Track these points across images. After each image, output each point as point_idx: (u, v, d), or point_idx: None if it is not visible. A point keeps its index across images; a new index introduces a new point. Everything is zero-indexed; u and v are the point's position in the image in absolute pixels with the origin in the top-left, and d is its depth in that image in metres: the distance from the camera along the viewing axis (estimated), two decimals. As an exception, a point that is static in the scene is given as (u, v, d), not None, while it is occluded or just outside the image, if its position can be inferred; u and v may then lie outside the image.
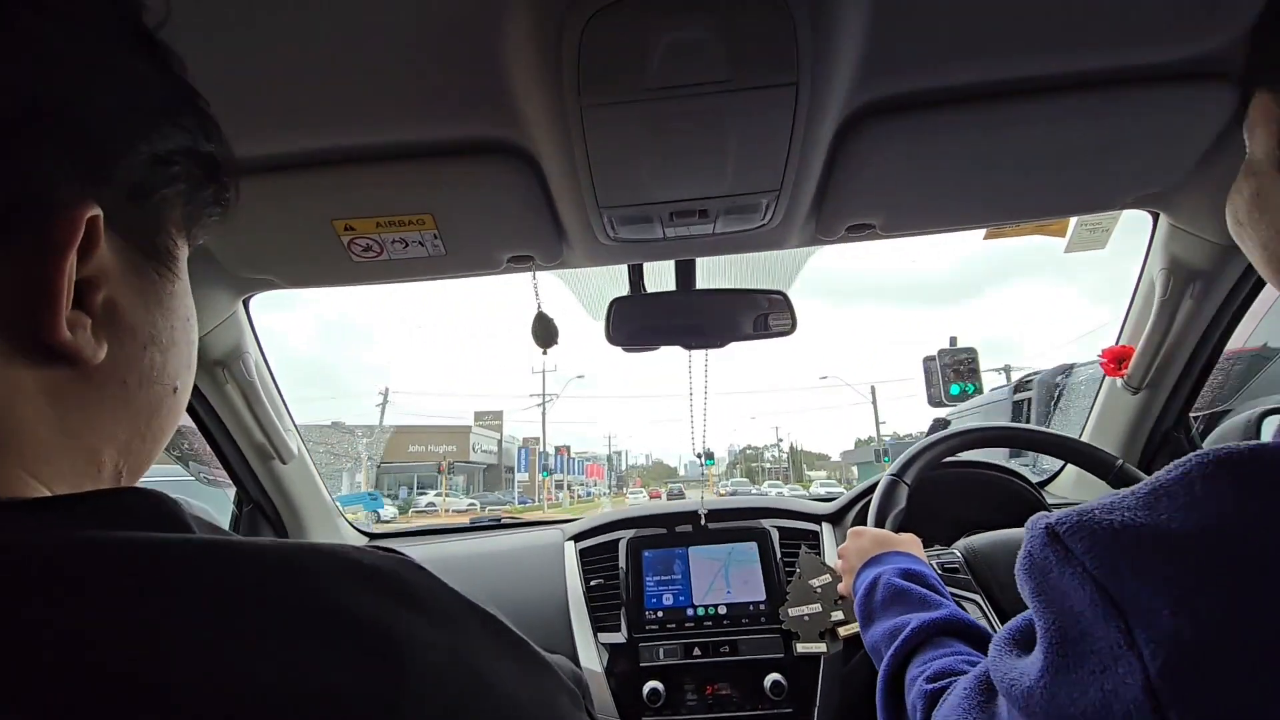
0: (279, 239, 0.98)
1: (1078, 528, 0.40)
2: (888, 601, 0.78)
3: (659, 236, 1.02)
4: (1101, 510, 0.40)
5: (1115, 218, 1.17)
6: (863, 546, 0.93)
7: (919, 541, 0.97)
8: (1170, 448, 1.38)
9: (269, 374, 1.31)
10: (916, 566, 0.84)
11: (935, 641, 0.68)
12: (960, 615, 0.71)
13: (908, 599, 0.76)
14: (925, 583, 0.79)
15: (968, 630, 0.69)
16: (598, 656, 1.24)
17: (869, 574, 0.85)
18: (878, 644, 0.75)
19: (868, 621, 0.80)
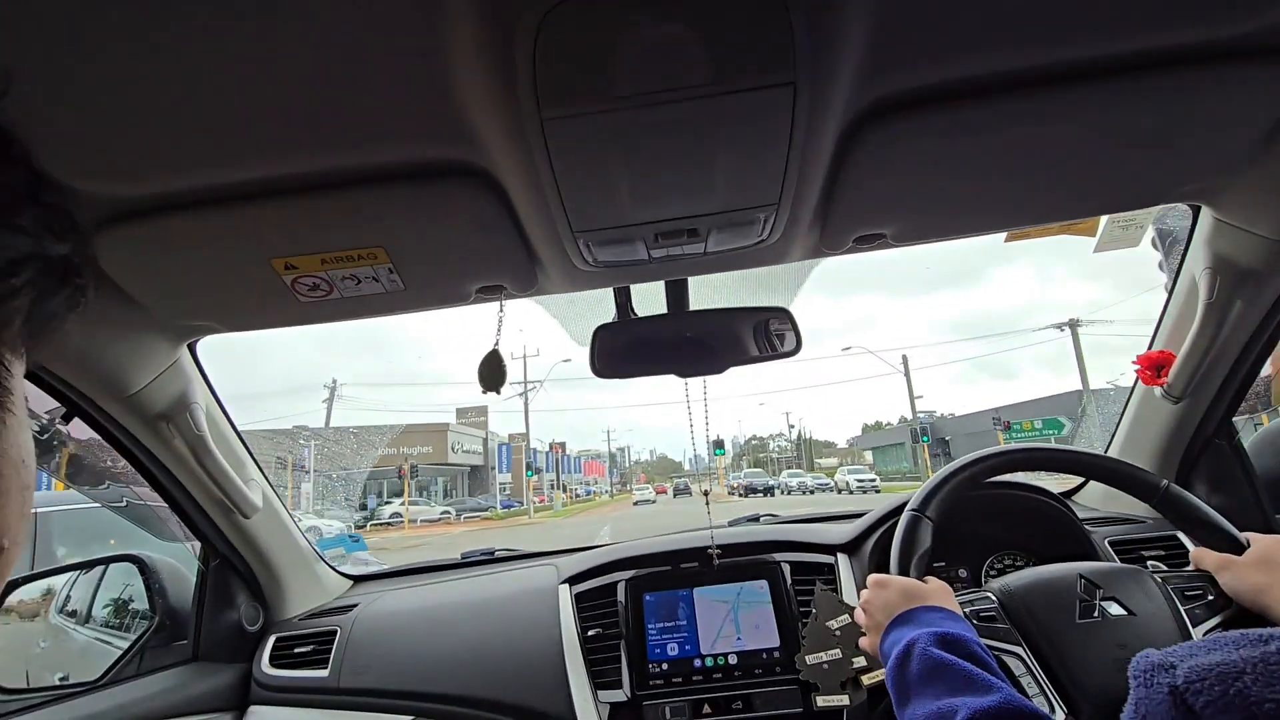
0: (214, 283, 0.86)
1: (1224, 706, 0.29)
2: (925, 677, 0.67)
3: (644, 259, 0.91)
4: (1254, 677, 0.29)
5: (1150, 213, 1.06)
6: (889, 600, 0.82)
7: (949, 590, 0.86)
8: (1212, 455, 1.27)
9: (225, 421, 1.20)
10: (954, 630, 0.72)
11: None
12: (1015, 701, 0.60)
13: (950, 675, 0.65)
14: (967, 651, 0.68)
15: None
16: (597, 716, 1.12)
17: (901, 636, 0.74)
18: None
19: (904, 699, 0.69)
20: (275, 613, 1.41)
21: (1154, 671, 0.32)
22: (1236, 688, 0.29)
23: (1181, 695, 0.30)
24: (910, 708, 0.67)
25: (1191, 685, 0.30)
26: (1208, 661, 0.30)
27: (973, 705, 0.60)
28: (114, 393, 0.99)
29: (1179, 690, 0.31)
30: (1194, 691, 0.30)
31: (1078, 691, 0.80)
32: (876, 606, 0.85)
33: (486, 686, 1.20)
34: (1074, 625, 0.87)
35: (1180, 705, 0.30)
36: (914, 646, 0.71)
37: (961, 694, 0.63)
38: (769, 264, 1.01)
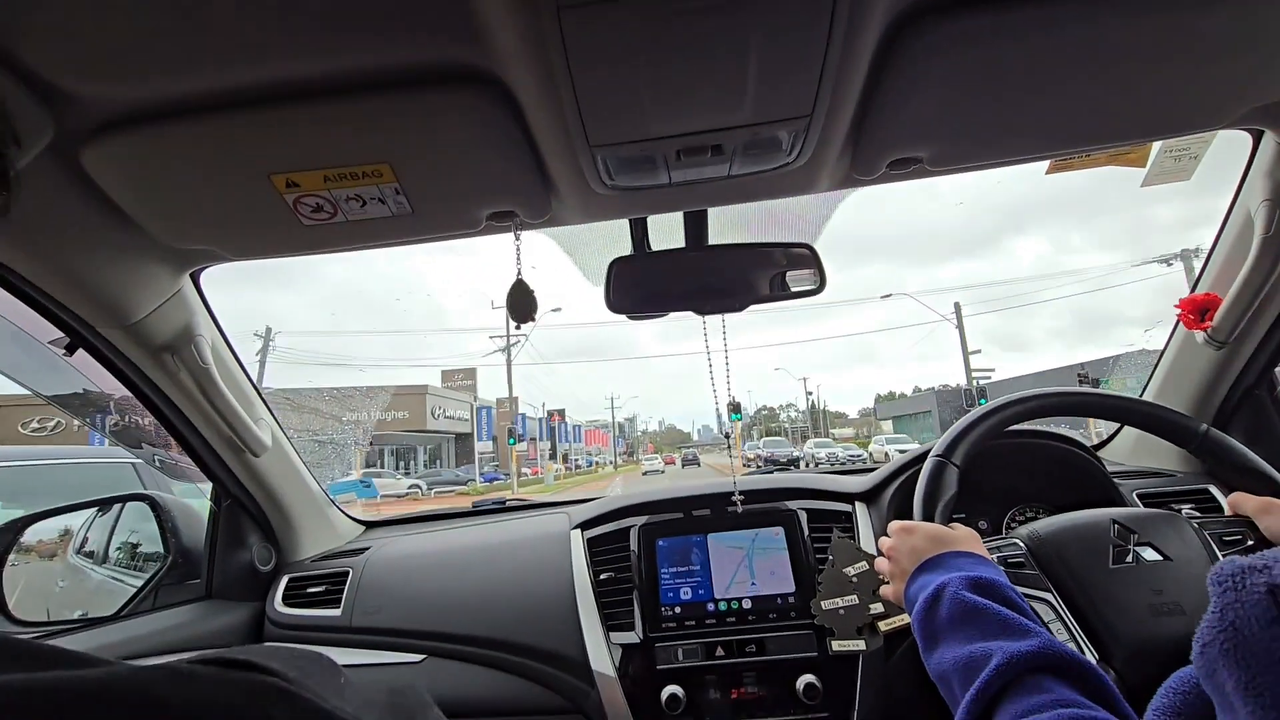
0: (213, 201, 0.82)
1: None
2: (957, 620, 0.64)
3: (664, 182, 0.86)
4: None
5: (1207, 141, 0.99)
6: (916, 545, 0.79)
7: (977, 536, 0.82)
8: (1251, 406, 1.21)
9: (231, 357, 1.17)
10: (987, 573, 0.69)
11: (1030, 684, 0.54)
12: (1056, 646, 0.57)
13: (983, 620, 0.62)
14: (1001, 595, 0.65)
15: (1069, 667, 0.55)
16: (610, 658, 1.12)
17: (929, 581, 0.71)
18: (947, 675, 0.61)
19: (932, 643, 0.66)
20: (287, 554, 1.41)
21: (1245, 573, 0.29)
22: None
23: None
24: (939, 651, 0.64)
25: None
26: None
27: (1009, 649, 0.57)
28: (115, 320, 0.96)
29: (1278, 585, 0.27)
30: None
31: (1110, 637, 0.77)
32: (902, 552, 0.81)
33: (498, 627, 1.20)
34: (1107, 571, 0.84)
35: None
36: (944, 590, 0.68)
37: (996, 638, 0.60)
38: (795, 193, 0.95)
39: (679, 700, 1.07)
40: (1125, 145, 0.93)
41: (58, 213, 0.81)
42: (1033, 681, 0.54)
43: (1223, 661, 0.29)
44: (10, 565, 1.25)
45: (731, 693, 1.09)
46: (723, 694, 1.09)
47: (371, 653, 1.24)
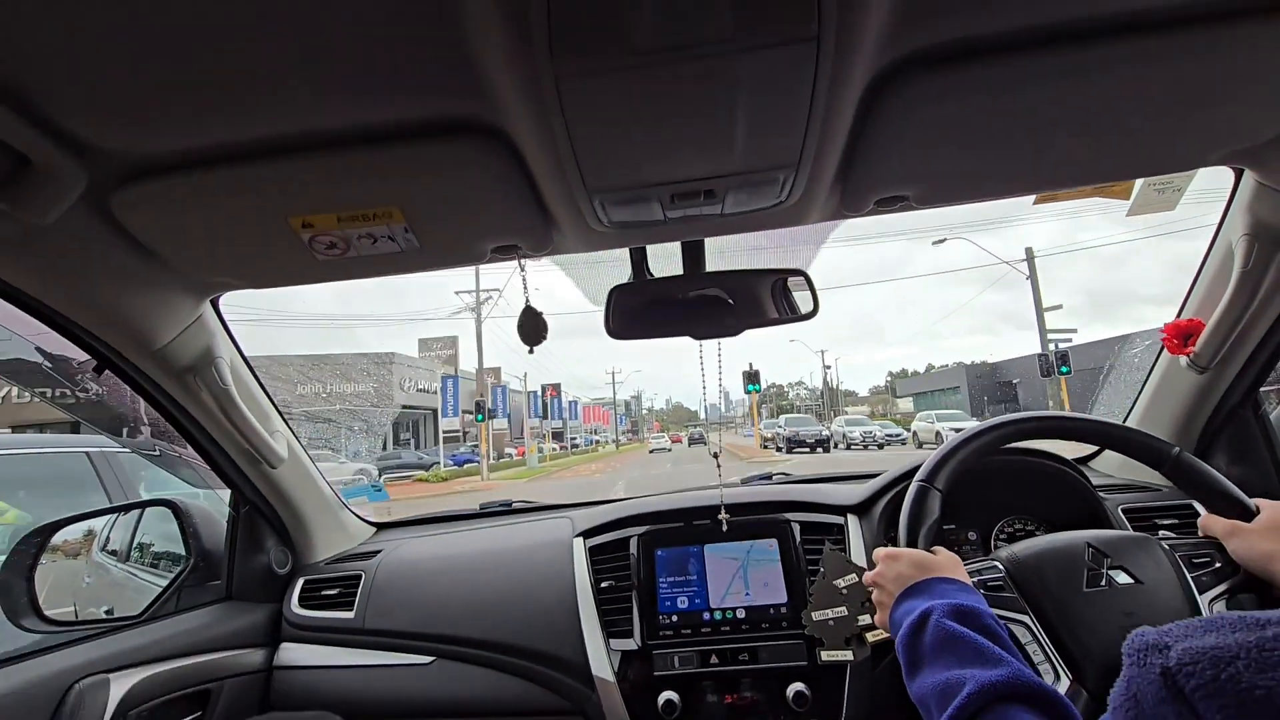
0: (233, 240, 0.87)
1: (1215, 690, 0.29)
2: (937, 648, 0.68)
3: (659, 219, 0.90)
4: (1247, 663, 0.29)
5: (1190, 176, 1.02)
6: (900, 572, 0.83)
7: (959, 562, 0.87)
8: (1237, 426, 1.24)
9: (249, 375, 1.23)
10: (967, 601, 0.73)
11: (995, 711, 0.58)
12: (1024, 676, 0.61)
13: (961, 647, 0.66)
14: (980, 624, 0.69)
15: (1035, 696, 0.59)
16: (609, 663, 1.17)
17: (914, 607, 0.75)
18: (926, 700, 0.66)
19: (915, 668, 0.70)
20: (303, 557, 1.47)
21: (1148, 651, 0.33)
22: (1229, 672, 0.29)
23: (1173, 677, 0.31)
24: (920, 677, 0.69)
25: (1184, 667, 0.30)
26: (1202, 644, 0.31)
27: (980, 678, 0.61)
28: (142, 347, 1.02)
29: (1170, 671, 0.31)
30: (1185, 674, 0.30)
31: (1084, 658, 0.81)
32: (888, 579, 0.86)
33: (504, 632, 1.26)
34: (1081, 594, 0.88)
35: (1171, 687, 0.31)
36: (929, 618, 0.72)
37: (971, 666, 0.64)
38: (787, 226, 0.99)
39: (675, 706, 1.12)
40: (1113, 183, 0.96)
41: (89, 253, 0.86)
42: (1001, 709, 0.58)
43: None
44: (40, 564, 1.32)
45: (725, 698, 1.14)
46: (717, 699, 1.14)
47: (382, 654, 1.31)
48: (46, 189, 0.71)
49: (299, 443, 1.40)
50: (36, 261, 0.84)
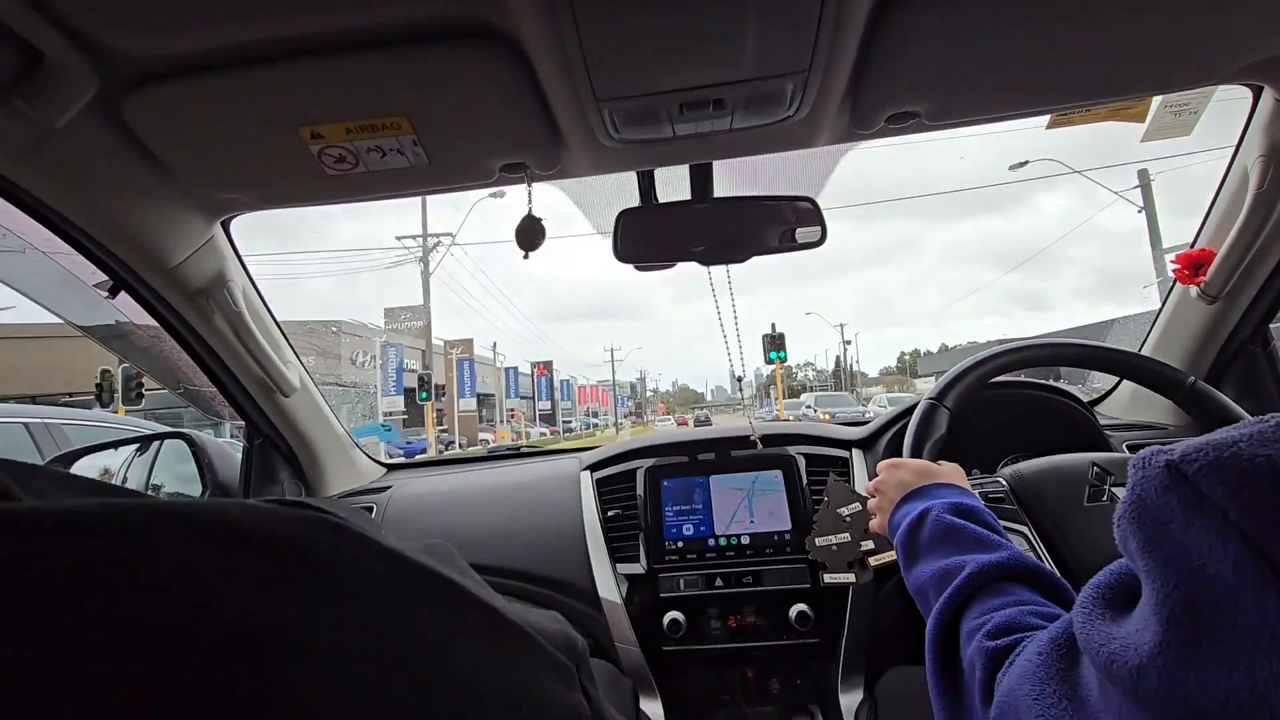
0: (245, 151, 0.87)
1: (1216, 466, 0.30)
2: (936, 540, 0.69)
3: (668, 135, 0.90)
4: (1248, 442, 0.30)
5: (1207, 97, 1.00)
6: (903, 479, 0.84)
7: (962, 472, 0.88)
8: (1245, 362, 1.24)
9: (261, 303, 1.24)
10: (967, 500, 0.75)
11: (995, 588, 0.59)
12: (1023, 558, 0.62)
13: (959, 538, 0.68)
14: (980, 519, 0.71)
15: (1033, 575, 0.61)
16: (616, 587, 1.20)
17: (912, 508, 0.76)
18: (925, 587, 0.67)
19: (912, 560, 0.72)
20: (316, 491, 1.50)
21: (1152, 455, 0.34)
22: (1230, 452, 0.30)
23: (1177, 465, 0.32)
24: (918, 567, 0.70)
25: (1186, 457, 0.31)
26: (1204, 440, 0.32)
27: (980, 560, 0.62)
28: (154, 265, 1.03)
29: (1174, 462, 0.32)
30: (1189, 461, 0.31)
31: (1079, 568, 0.82)
32: (890, 485, 0.87)
33: (514, 558, 1.29)
34: (1081, 509, 0.89)
35: (1175, 474, 0.31)
36: (928, 513, 0.73)
37: (970, 552, 0.66)
38: (796, 146, 0.98)
39: (679, 625, 1.15)
40: (1124, 100, 0.95)
41: (101, 163, 0.86)
42: (1000, 586, 0.60)
43: (1130, 529, 0.35)
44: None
45: (729, 619, 1.17)
46: (721, 620, 1.17)
47: None
48: (59, 88, 0.71)
49: (310, 377, 1.42)
50: (49, 168, 0.84)
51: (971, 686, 0.54)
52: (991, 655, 0.52)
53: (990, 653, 0.52)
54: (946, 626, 0.60)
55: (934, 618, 0.62)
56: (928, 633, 0.62)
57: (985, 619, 0.55)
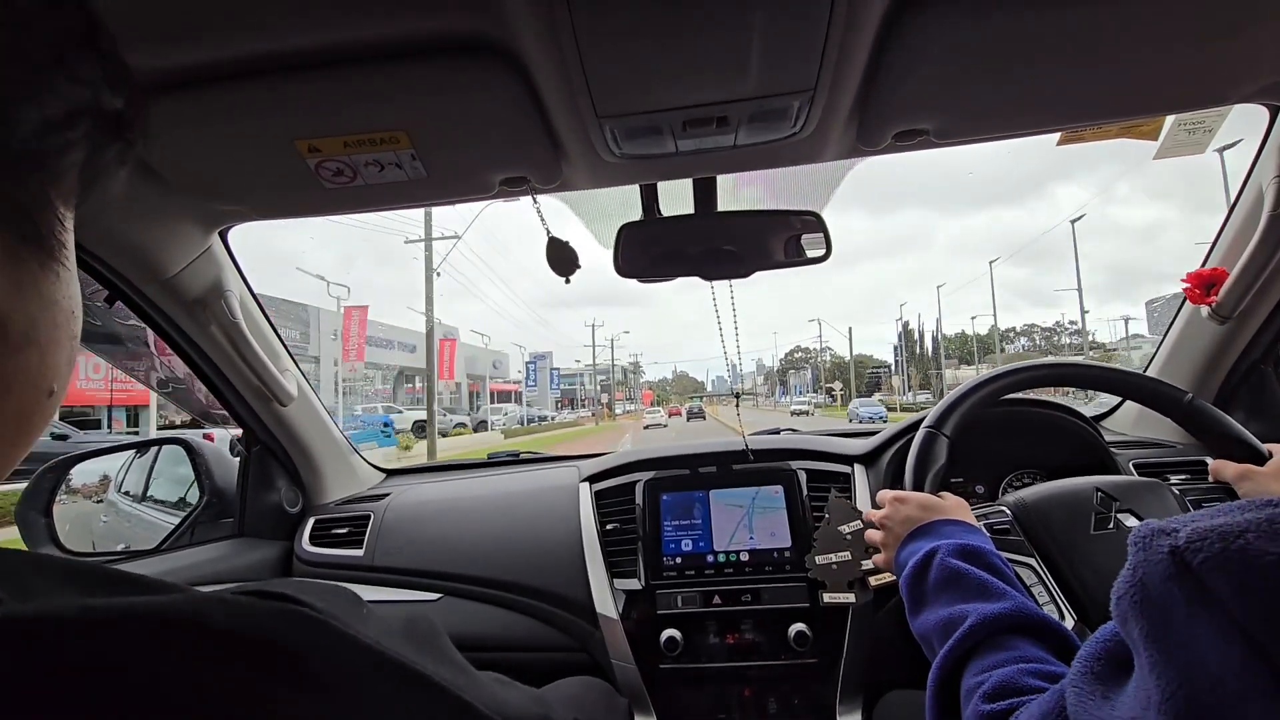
0: (240, 163, 0.86)
1: (1223, 560, 0.28)
2: (941, 586, 0.68)
3: (671, 151, 0.88)
4: (1256, 534, 0.28)
5: (1222, 115, 0.98)
6: (909, 514, 0.83)
7: (966, 505, 0.86)
8: (1255, 381, 1.22)
9: (259, 312, 1.23)
10: (974, 541, 0.73)
11: (997, 642, 0.58)
12: (1027, 608, 0.61)
13: (964, 584, 0.66)
14: (985, 562, 0.69)
15: (1036, 627, 0.59)
16: (613, 602, 1.19)
17: (919, 548, 0.75)
18: (929, 635, 0.66)
19: (918, 606, 0.70)
20: (313, 497, 1.50)
21: (1154, 536, 0.32)
22: (1238, 544, 0.28)
23: (1181, 554, 0.30)
24: (924, 614, 0.69)
25: (1192, 544, 0.30)
26: (1210, 524, 0.30)
27: (983, 611, 0.61)
28: (151, 275, 1.02)
29: (1179, 550, 0.30)
30: (1193, 550, 0.29)
31: (1088, 600, 0.81)
32: (896, 520, 0.85)
33: (509, 570, 1.27)
34: (1088, 537, 0.87)
35: (1179, 564, 0.30)
36: (934, 556, 0.72)
37: (974, 600, 0.64)
38: (802, 162, 0.97)
39: (677, 642, 1.14)
40: (1137, 119, 0.93)
41: None
42: (1002, 640, 0.58)
43: (1131, 613, 0.33)
44: (59, 502, 1.35)
45: (727, 637, 1.16)
46: (718, 638, 1.16)
47: (391, 590, 1.33)
48: None
49: (309, 384, 1.41)
50: None
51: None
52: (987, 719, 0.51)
53: (986, 716, 0.51)
54: (948, 679, 0.59)
55: (935, 670, 0.61)
56: (929, 684, 0.61)
57: (984, 677, 0.54)
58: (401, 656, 0.29)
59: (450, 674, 0.31)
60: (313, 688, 0.25)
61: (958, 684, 0.57)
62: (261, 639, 0.25)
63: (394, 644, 0.29)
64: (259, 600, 0.27)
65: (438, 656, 0.31)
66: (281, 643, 0.25)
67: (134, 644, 0.22)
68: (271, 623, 0.26)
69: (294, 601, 0.28)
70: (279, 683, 0.24)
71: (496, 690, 0.34)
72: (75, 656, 0.21)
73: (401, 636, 0.31)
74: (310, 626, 0.27)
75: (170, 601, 0.25)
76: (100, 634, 0.22)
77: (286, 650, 0.25)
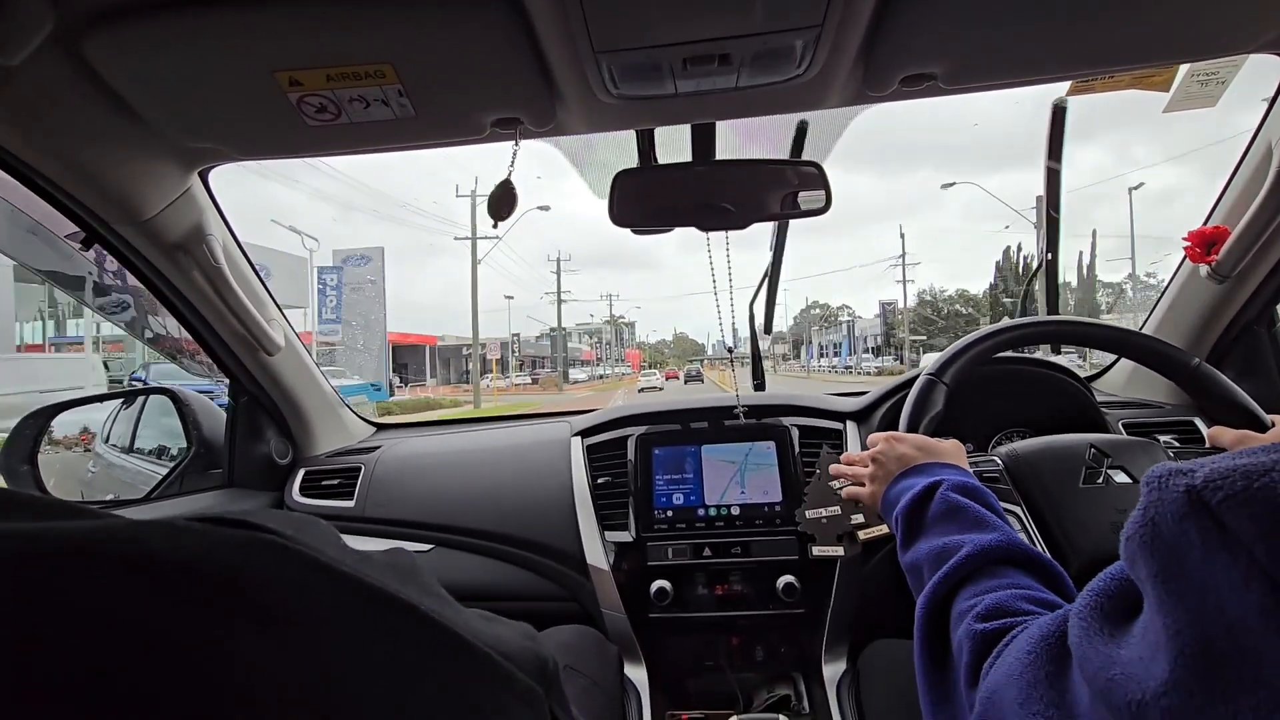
0: (217, 96, 0.82)
1: (1245, 499, 0.27)
2: (940, 517, 0.69)
3: (670, 92, 0.84)
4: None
5: (1236, 66, 0.95)
6: (904, 453, 0.82)
7: (963, 450, 0.86)
8: (1248, 341, 1.22)
9: (242, 258, 1.20)
10: (972, 481, 0.73)
11: (990, 571, 0.59)
12: (1020, 542, 0.62)
13: (962, 517, 0.67)
14: (983, 500, 0.70)
15: (1029, 560, 0.60)
16: (604, 554, 1.20)
17: (915, 482, 0.75)
18: (920, 563, 0.66)
19: (913, 536, 0.70)
20: (303, 449, 1.49)
21: (1169, 476, 0.31)
22: (1262, 483, 0.27)
23: (1198, 493, 0.29)
24: (918, 544, 0.69)
25: (1211, 483, 0.28)
26: (1231, 464, 0.29)
27: (979, 541, 0.62)
28: (128, 216, 0.98)
29: (1196, 489, 0.29)
30: (1213, 489, 0.28)
31: (1070, 550, 0.82)
32: (890, 457, 0.85)
33: (501, 523, 1.28)
34: (1076, 490, 0.88)
35: (1196, 503, 0.29)
36: (936, 490, 0.72)
37: (969, 532, 0.65)
38: (805, 108, 0.93)
39: (666, 593, 1.15)
40: (1149, 67, 0.90)
41: (66, 106, 0.81)
42: (996, 570, 0.59)
43: (1140, 554, 0.32)
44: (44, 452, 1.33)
45: (716, 588, 1.17)
46: (708, 589, 1.17)
47: (383, 541, 1.33)
48: (10, 20, 0.66)
49: (296, 335, 1.39)
50: (9, 109, 0.79)
51: (958, 667, 0.53)
52: (980, 638, 0.51)
53: (979, 635, 0.51)
54: (938, 606, 0.59)
55: (926, 595, 0.61)
56: (918, 610, 0.61)
57: (976, 601, 0.54)
58: (383, 584, 0.27)
59: (436, 605, 0.30)
60: (276, 622, 0.23)
61: (948, 612, 0.58)
62: (211, 569, 0.23)
63: (374, 573, 0.28)
64: (214, 527, 0.25)
65: (422, 589, 0.30)
66: (236, 573, 0.23)
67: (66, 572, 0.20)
68: (225, 551, 0.23)
69: (258, 529, 0.26)
70: (235, 617, 0.22)
71: (484, 625, 0.33)
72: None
73: (384, 567, 0.30)
74: (274, 554, 0.25)
75: (111, 526, 0.22)
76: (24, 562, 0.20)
77: (242, 581, 0.23)
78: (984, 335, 1.03)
